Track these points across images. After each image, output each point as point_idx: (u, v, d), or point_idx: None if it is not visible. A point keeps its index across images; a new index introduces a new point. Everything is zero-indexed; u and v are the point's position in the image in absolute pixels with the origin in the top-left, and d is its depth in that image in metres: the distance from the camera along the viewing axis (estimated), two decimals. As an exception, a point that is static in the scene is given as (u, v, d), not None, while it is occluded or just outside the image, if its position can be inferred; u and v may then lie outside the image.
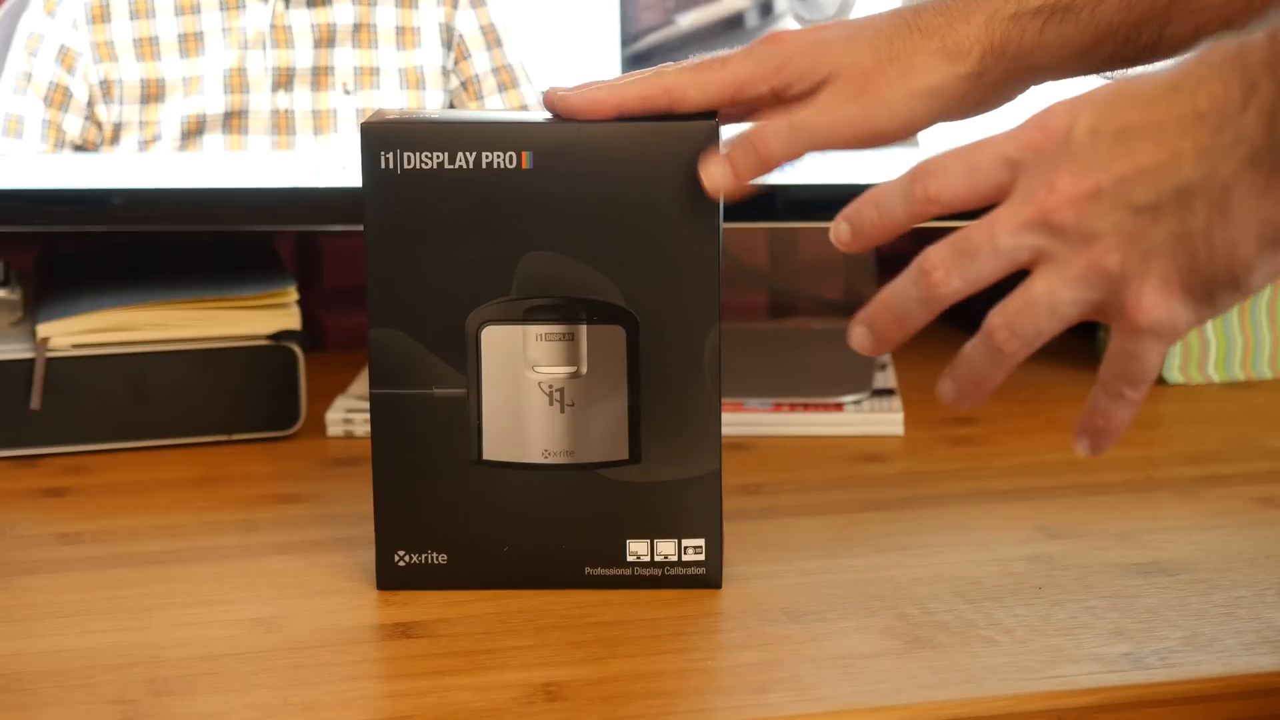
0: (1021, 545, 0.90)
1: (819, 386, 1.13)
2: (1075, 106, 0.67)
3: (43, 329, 1.06)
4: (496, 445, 0.83)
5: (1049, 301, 0.69)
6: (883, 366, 1.20)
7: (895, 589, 0.84)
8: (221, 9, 1.12)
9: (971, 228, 0.68)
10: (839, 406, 1.11)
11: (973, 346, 0.71)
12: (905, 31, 0.80)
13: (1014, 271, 0.69)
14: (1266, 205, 0.63)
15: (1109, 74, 0.82)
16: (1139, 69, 0.71)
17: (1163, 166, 0.65)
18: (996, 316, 0.70)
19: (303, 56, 1.12)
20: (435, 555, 0.84)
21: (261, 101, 1.12)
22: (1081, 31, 0.80)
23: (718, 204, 0.81)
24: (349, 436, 1.11)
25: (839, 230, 0.72)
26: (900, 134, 0.79)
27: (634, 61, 1.12)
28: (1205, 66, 0.64)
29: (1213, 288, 0.66)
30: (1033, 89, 0.82)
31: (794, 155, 0.79)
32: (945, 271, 0.69)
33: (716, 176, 0.79)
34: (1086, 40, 0.80)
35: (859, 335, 0.73)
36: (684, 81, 0.80)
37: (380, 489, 0.83)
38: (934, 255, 0.69)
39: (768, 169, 0.79)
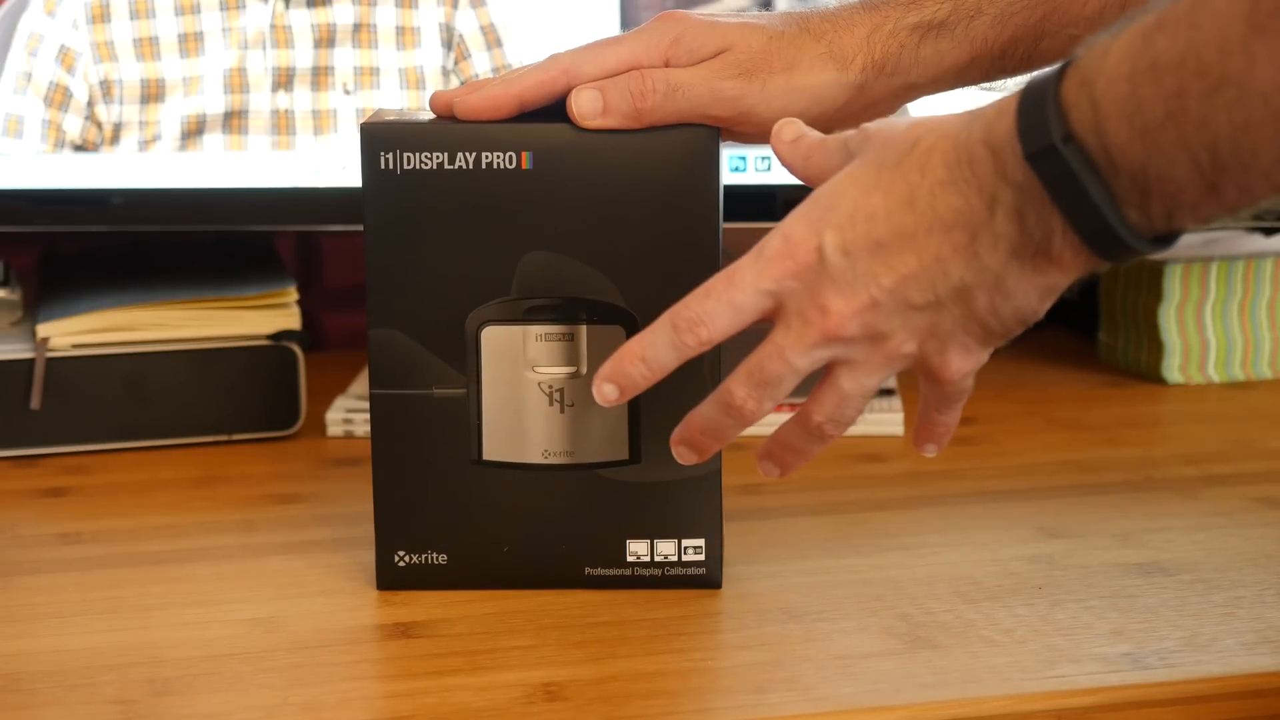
0: (1021, 545, 0.90)
1: (819, 386, 1.13)
2: (814, 227, 0.69)
3: (43, 329, 1.06)
4: (496, 445, 0.83)
5: (861, 392, 0.72)
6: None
7: (895, 589, 0.84)
8: (221, 9, 1.12)
9: (763, 358, 0.72)
10: (839, 406, 1.11)
11: (796, 436, 0.75)
12: (796, 30, 0.82)
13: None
14: (1039, 278, 0.67)
15: (988, 86, 0.84)
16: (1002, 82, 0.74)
17: (929, 270, 0.67)
18: (818, 414, 0.73)
19: (303, 56, 1.12)
20: (435, 555, 0.84)
21: (261, 101, 1.12)
22: (956, 48, 0.82)
23: (718, 204, 0.81)
24: (349, 436, 1.11)
25: (604, 392, 0.75)
26: (771, 123, 0.80)
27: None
28: (930, 176, 0.67)
29: (1009, 335, 0.70)
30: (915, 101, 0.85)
31: (666, 117, 0.79)
32: (755, 402, 0.73)
33: (585, 104, 0.79)
34: (962, 56, 0.82)
35: (683, 454, 0.77)
36: (579, 59, 0.80)
37: (380, 489, 0.83)
38: (737, 391, 0.73)
39: (639, 123, 0.80)
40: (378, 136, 0.80)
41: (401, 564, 0.84)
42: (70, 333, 1.06)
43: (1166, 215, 0.63)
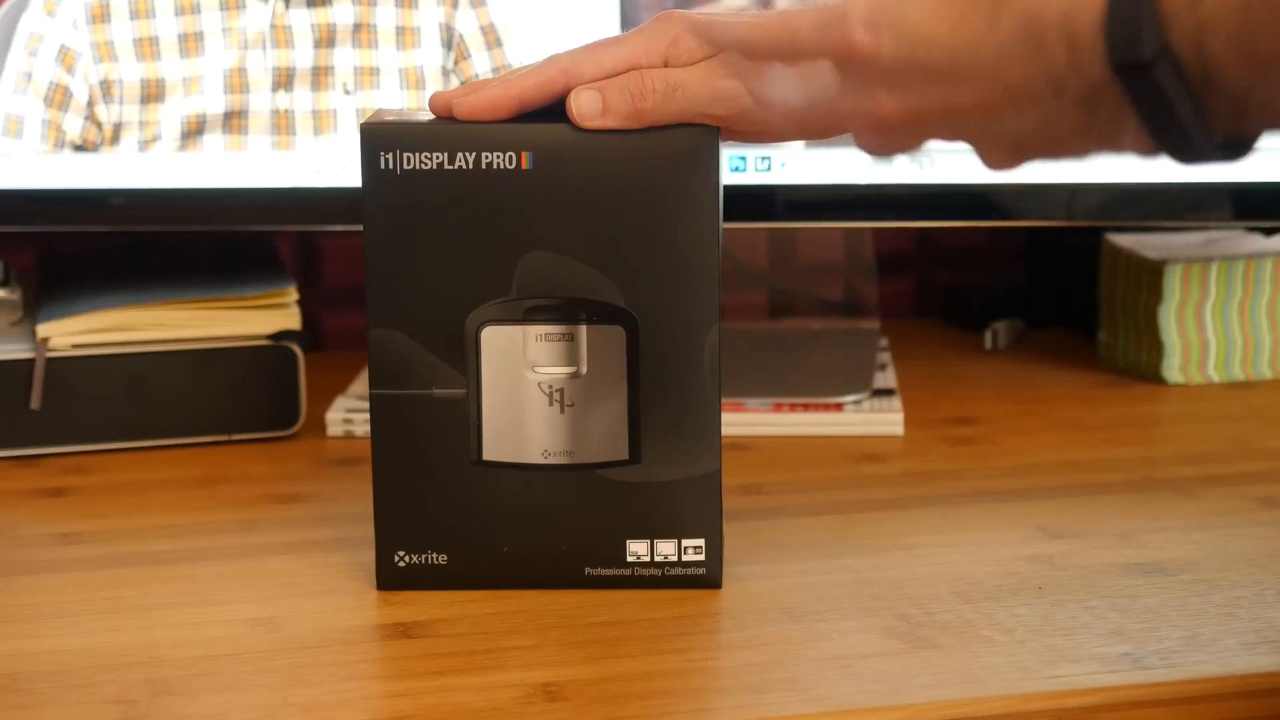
0: (1021, 545, 0.90)
1: (819, 386, 1.13)
2: (874, 25, 0.68)
3: (43, 329, 1.06)
4: (496, 445, 0.83)
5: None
6: (883, 366, 1.20)
7: (895, 589, 0.84)
8: (221, 9, 1.12)
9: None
10: (839, 406, 1.11)
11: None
12: (794, 29, 0.81)
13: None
14: (1097, 148, 0.65)
15: None
16: None
17: (983, 113, 0.66)
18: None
19: (303, 56, 1.12)
20: (435, 555, 0.84)
21: (261, 101, 1.12)
22: None
23: (718, 204, 0.81)
24: (349, 436, 1.11)
25: (589, 100, 0.77)
26: (772, 122, 0.79)
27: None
28: (997, 34, 0.64)
29: (1051, 159, 0.69)
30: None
31: (666, 117, 0.79)
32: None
33: (584, 104, 0.79)
34: None
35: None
36: (578, 60, 0.80)
37: (380, 489, 0.83)
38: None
39: (638, 123, 0.79)
40: (377, 136, 0.80)
41: (401, 564, 0.84)
42: (70, 333, 1.06)
43: (1258, 129, 0.60)
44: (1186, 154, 0.62)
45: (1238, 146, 0.62)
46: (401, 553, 0.84)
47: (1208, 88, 0.59)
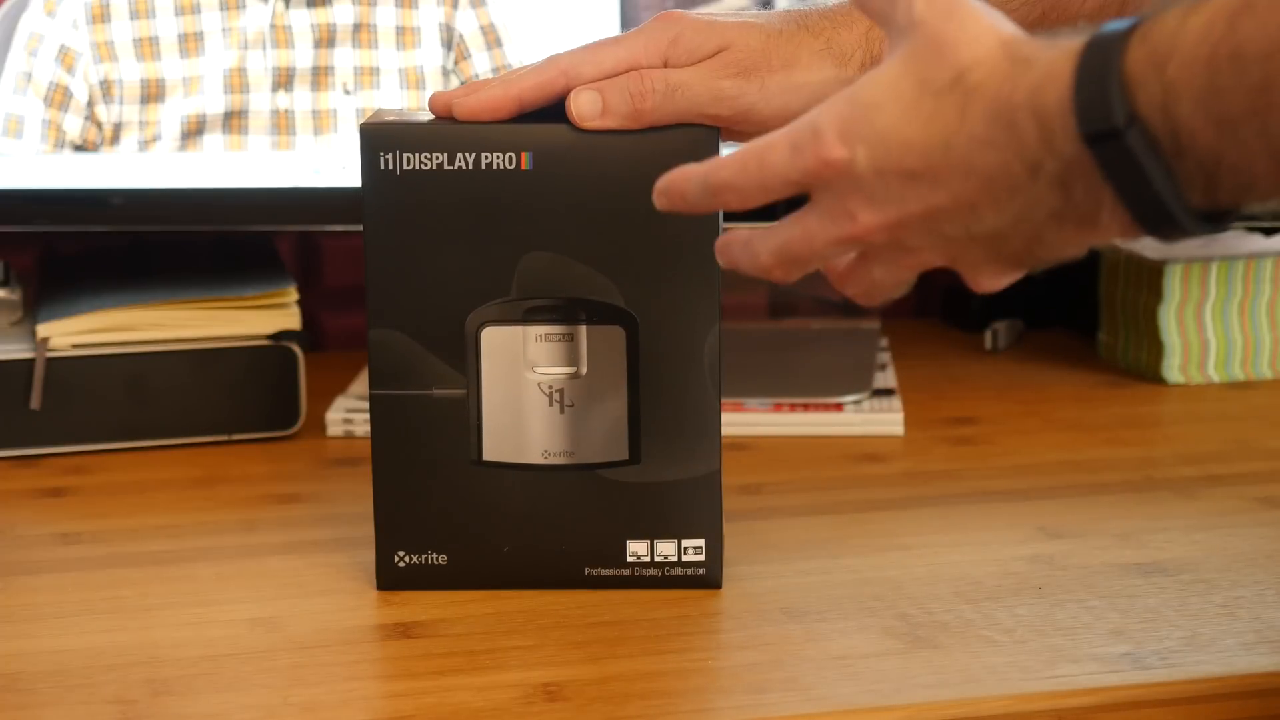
0: (1021, 545, 0.90)
1: (819, 386, 1.13)
2: (848, 137, 0.66)
3: (43, 329, 1.06)
4: (496, 446, 0.83)
5: (894, 282, 0.71)
6: (883, 366, 1.20)
7: (895, 589, 0.84)
8: (221, 9, 1.12)
9: (791, 239, 0.69)
10: (839, 406, 1.11)
11: (806, 269, 0.72)
12: (794, 27, 0.81)
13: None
14: (1079, 236, 0.64)
15: None
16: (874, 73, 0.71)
17: (962, 211, 0.65)
18: (849, 289, 0.72)
19: (303, 56, 1.12)
20: (435, 555, 0.84)
21: (261, 101, 1.12)
22: None
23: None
24: (349, 436, 1.11)
25: (659, 199, 0.73)
26: (773, 121, 0.79)
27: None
28: (968, 125, 0.63)
29: (1036, 266, 0.68)
30: None
31: (665, 117, 0.79)
32: (783, 272, 0.71)
33: (584, 105, 0.79)
34: None
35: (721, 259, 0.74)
36: (578, 60, 0.80)
37: (380, 489, 0.83)
38: (765, 259, 0.70)
39: (638, 123, 0.79)
40: (377, 137, 0.80)
41: (401, 564, 0.84)
42: (70, 333, 1.06)
43: (1232, 199, 0.60)
44: (1164, 227, 0.61)
45: (1217, 218, 0.62)
46: (401, 553, 0.84)
47: (1179, 154, 0.59)
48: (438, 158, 0.80)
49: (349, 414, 1.11)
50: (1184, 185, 0.60)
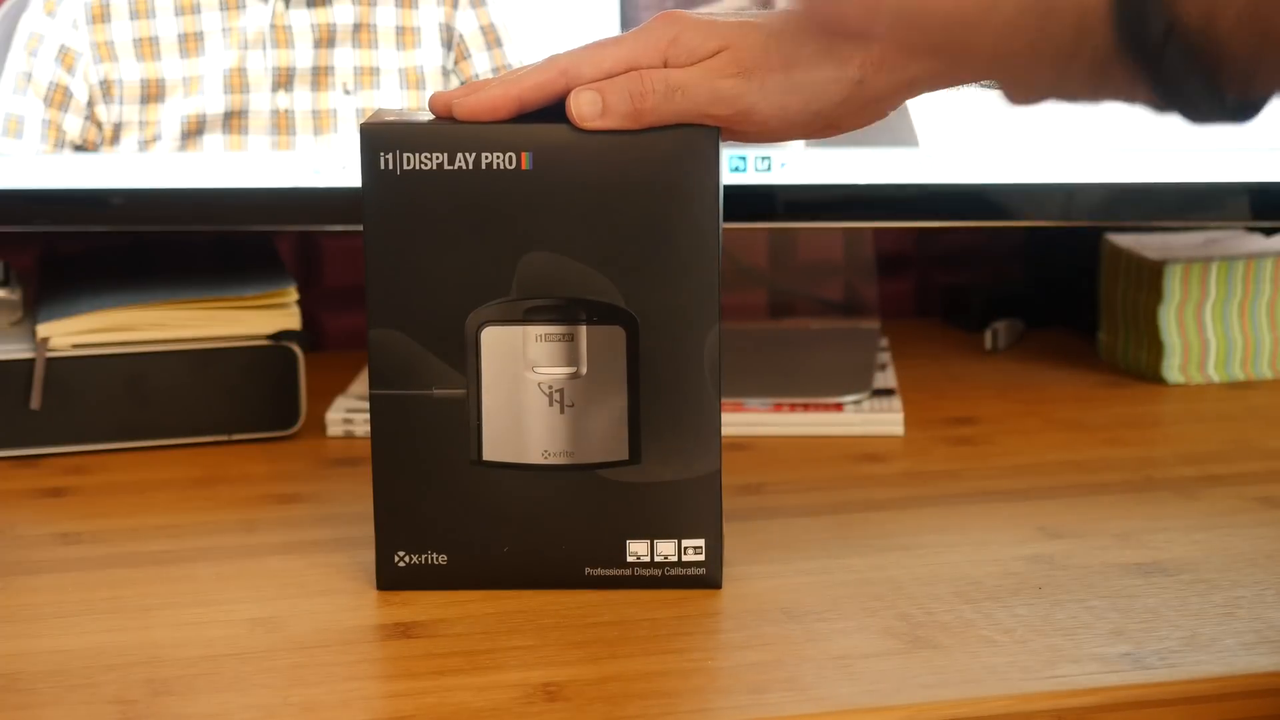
0: (1021, 545, 0.90)
1: (819, 386, 1.13)
2: (869, 7, 0.67)
3: (43, 329, 1.06)
4: (496, 446, 0.83)
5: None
6: (883, 366, 1.20)
7: (895, 589, 0.84)
8: (221, 9, 1.12)
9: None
10: (839, 406, 1.11)
11: None
12: (794, 27, 0.81)
13: None
14: (1106, 96, 0.65)
15: (987, 85, 0.82)
16: None
17: (983, 77, 0.67)
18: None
19: (303, 56, 1.12)
20: (435, 556, 0.84)
21: (261, 101, 1.12)
22: None
23: (718, 204, 0.81)
24: (349, 436, 1.11)
25: (591, 100, 0.75)
26: (773, 121, 0.79)
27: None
28: (1004, 4, 0.63)
29: None
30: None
31: (665, 117, 0.79)
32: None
33: (584, 105, 0.79)
34: None
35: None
36: (578, 60, 0.80)
37: (380, 489, 0.83)
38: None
39: (638, 124, 0.79)
40: (377, 137, 0.80)
41: (401, 564, 0.84)
42: (70, 333, 1.06)
43: (1265, 94, 0.60)
44: (1196, 117, 0.62)
45: (1247, 108, 0.62)
46: (401, 553, 0.84)
47: (1217, 62, 0.59)
48: (438, 158, 0.80)
49: (349, 414, 1.11)
50: (1222, 86, 0.60)
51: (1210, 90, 0.60)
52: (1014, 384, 1.23)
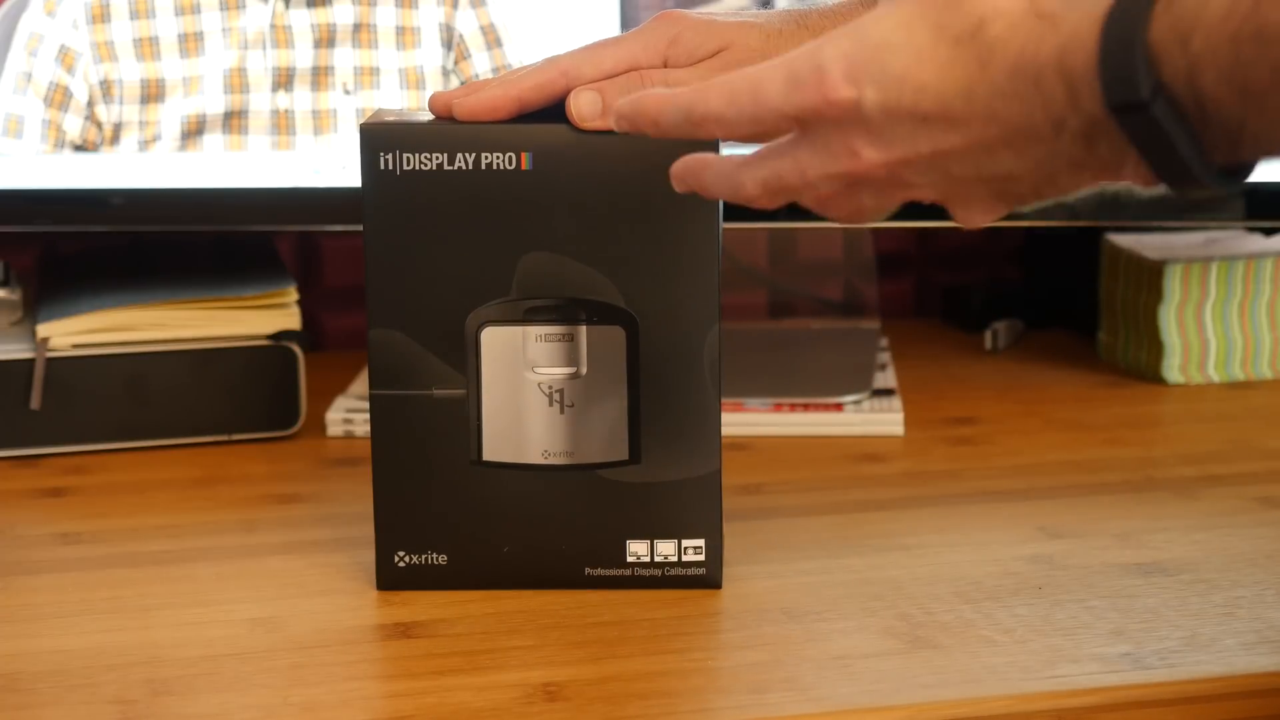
0: (1021, 545, 0.90)
1: (819, 386, 1.13)
2: (856, 76, 0.64)
3: (43, 329, 1.06)
4: (496, 446, 0.83)
5: (875, 210, 0.69)
6: (883, 366, 1.20)
7: (895, 589, 0.84)
8: (221, 9, 1.12)
9: (782, 170, 0.68)
10: (839, 406, 1.11)
11: (787, 191, 0.70)
12: (794, 27, 0.81)
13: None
14: (1095, 180, 0.64)
15: None
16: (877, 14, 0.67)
17: (975, 153, 0.64)
18: (833, 213, 0.69)
19: (303, 56, 1.12)
20: (435, 555, 0.84)
21: (261, 101, 1.12)
22: None
23: (717, 204, 0.81)
24: (349, 436, 1.11)
25: (619, 121, 0.72)
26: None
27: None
28: (991, 75, 0.62)
29: (1037, 202, 0.66)
30: None
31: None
32: (767, 200, 0.69)
33: (584, 105, 0.79)
34: None
35: (676, 184, 0.73)
36: (578, 61, 0.80)
37: (380, 489, 0.83)
38: (751, 189, 0.69)
39: (637, 129, 0.79)
40: (377, 137, 0.80)
41: (401, 564, 0.84)
42: (70, 333, 1.06)
43: (1254, 155, 0.60)
44: (1186, 184, 0.61)
45: (1236, 173, 0.62)
46: (401, 553, 0.84)
47: (1204, 121, 0.60)
48: (438, 158, 0.80)
49: (349, 414, 1.11)
50: (1209, 149, 0.60)
51: (1199, 152, 0.60)
52: (1014, 384, 1.23)
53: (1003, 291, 1.39)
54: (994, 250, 1.45)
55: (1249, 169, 0.62)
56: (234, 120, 1.12)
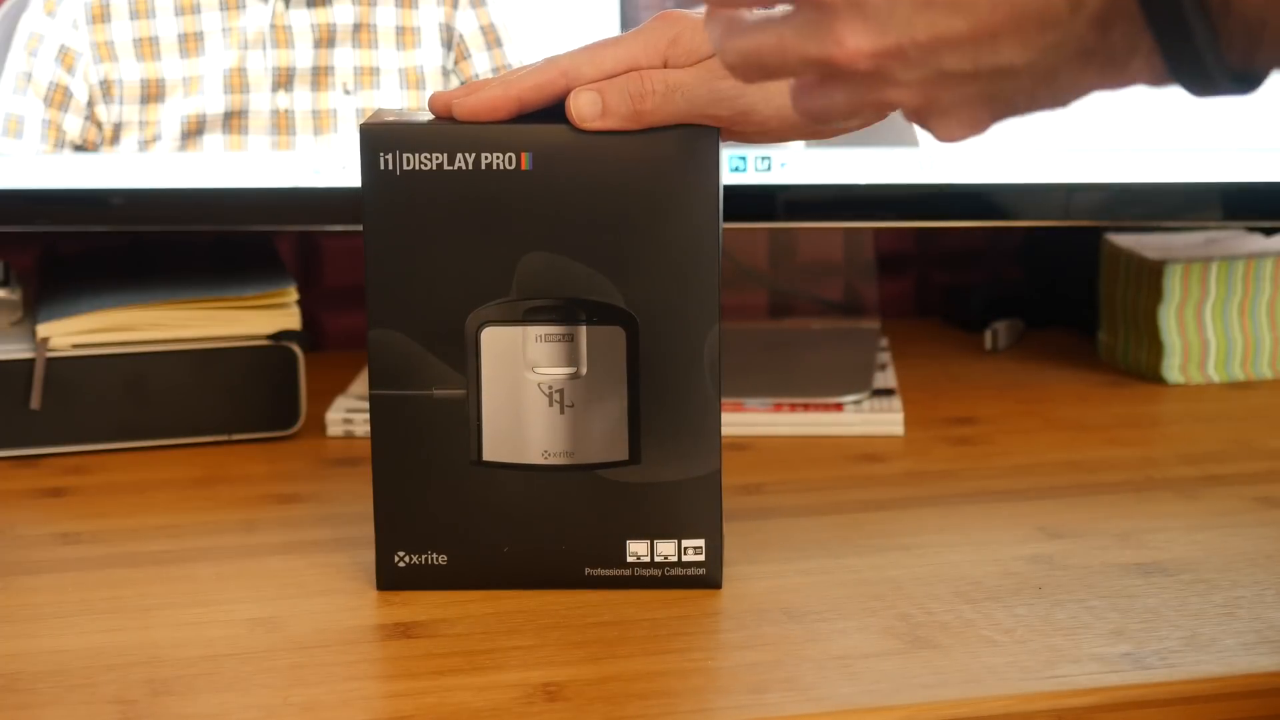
0: (1021, 545, 0.90)
1: (819, 386, 1.13)
2: None
3: (43, 329, 1.06)
4: (496, 446, 0.83)
5: (852, 110, 0.65)
6: (883, 366, 1.20)
7: (895, 589, 0.84)
8: (221, 9, 1.12)
9: (763, 44, 0.65)
10: (839, 406, 1.11)
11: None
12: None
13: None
14: (1096, 81, 0.62)
15: None
16: None
17: (977, 42, 0.61)
18: (803, 104, 0.66)
19: (303, 56, 1.12)
20: (435, 556, 0.84)
21: (261, 101, 1.12)
22: None
23: (718, 204, 0.81)
24: (349, 436, 1.11)
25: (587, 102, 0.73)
26: (773, 121, 0.79)
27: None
28: None
29: (1025, 113, 0.64)
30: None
31: (665, 118, 0.79)
32: (743, 74, 0.66)
33: (584, 106, 0.79)
34: None
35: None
36: (578, 61, 0.80)
37: (380, 489, 0.83)
38: (730, 56, 0.66)
39: (638, 124, 0.79)
40: (377, 137, 0.80)
41: (401, 564, 0.84)
42: (70, 333, 1.06)
43: (1269, 62, 0.59)
44: (1197, 82, 0.60)
45: (1249, 78, 0.60)
46: (401, 553, 0.84)
47: (1226, 13, 0.58)
48: (438, 158, 0.80)
49: (349, 414, 1.11)
50: (1225, 45, 0.59)
51: (1215, 46, 0.58)
52: (1014, 384, 1.23)
53: (1003, 291, 1.39)
54: (994, 250, 1.45)
55: (1262, 76, 0.60)
56: (234, 120, 1.12)
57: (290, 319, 1.09)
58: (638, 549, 0.84)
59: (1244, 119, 1.13)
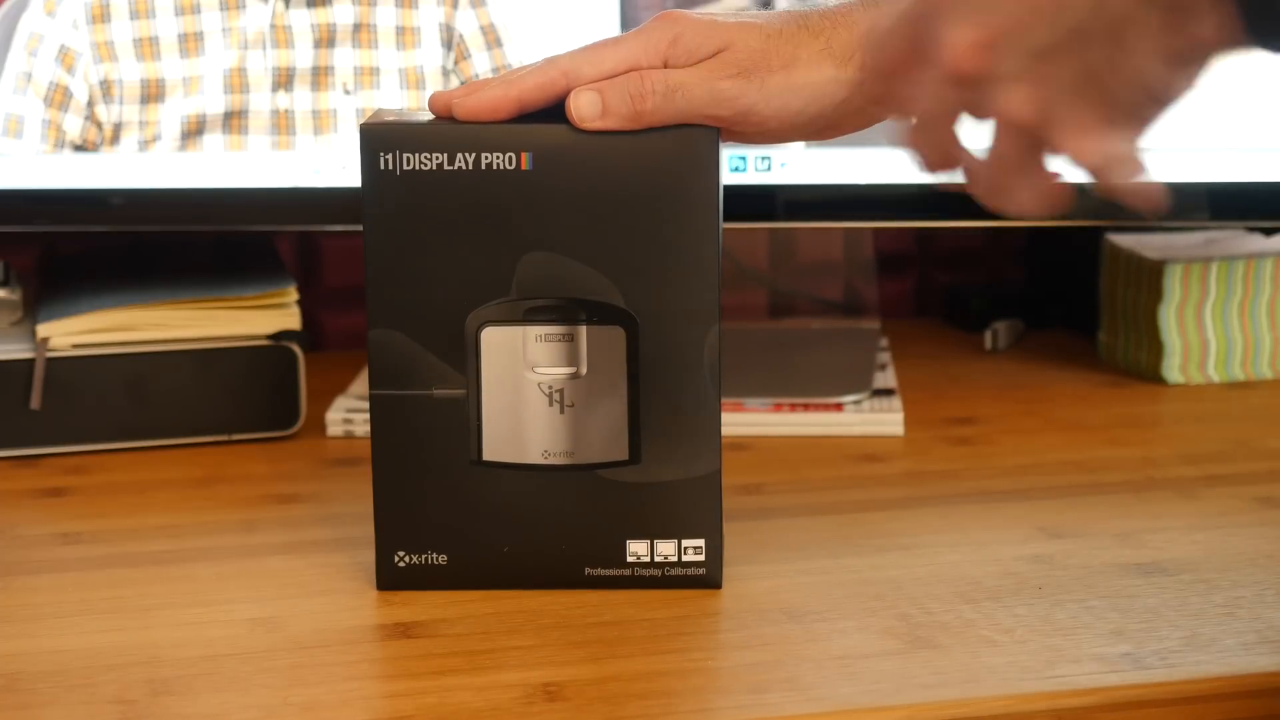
0: (1021, 545, 0.90)
1: (819, 386, 1.13)
2: None
3: (43, 329, 1.06)
4: (496, 446, 0.83)
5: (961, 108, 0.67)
6: (883, 366, 1.20)
7: (895, 589, 0.84)
8: (221, 9, 1.12)
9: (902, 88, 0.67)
10: (839, 406, 1.11)
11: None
12: (794, 27, 0.81)
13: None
14: (1163, 37, 0.62)
15: None
16: None
17: (1057, 5, 0.62)
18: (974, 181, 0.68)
19: (303, 56, 1.12)
20: (435, 556, 0.84)
21: (261, 101, 1.12)
22: None
23: (718, 204, 0.81)
24: (349, 436, 1.11)
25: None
26: (772, 122, 0.79)
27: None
28: None
29: (1134, 110, 0.64)
30: None
31: (666, 118, 0.79)
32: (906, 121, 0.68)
33: (584, 106, 0.79)
34: None
35: None
36: (579, 61, 0.80)
37: (380, 489, 0.83)
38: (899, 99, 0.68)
39: (638, 124, 0.79)
40: (377, 137, 0.80)
41: (401, 564, 0.84)
42: (70, 333, 1.06)
43: None
44: (1270, 36, 0.59)
45: None
46: (401, 553, 0.84)
47: None
48: (438, 158, 0.80)
49: (349, 414, 1.11)
50: None
51: None
52: (1014, 384, 1.23)
53: (1003, 291, 1.39)
54: (994, 250, 1.45)
55: None
56: (234, 120, 1.12)
57: (290, 319, 1.09)
58: (638, 549, 0.84)
59: (1243, 119, 1.13)
